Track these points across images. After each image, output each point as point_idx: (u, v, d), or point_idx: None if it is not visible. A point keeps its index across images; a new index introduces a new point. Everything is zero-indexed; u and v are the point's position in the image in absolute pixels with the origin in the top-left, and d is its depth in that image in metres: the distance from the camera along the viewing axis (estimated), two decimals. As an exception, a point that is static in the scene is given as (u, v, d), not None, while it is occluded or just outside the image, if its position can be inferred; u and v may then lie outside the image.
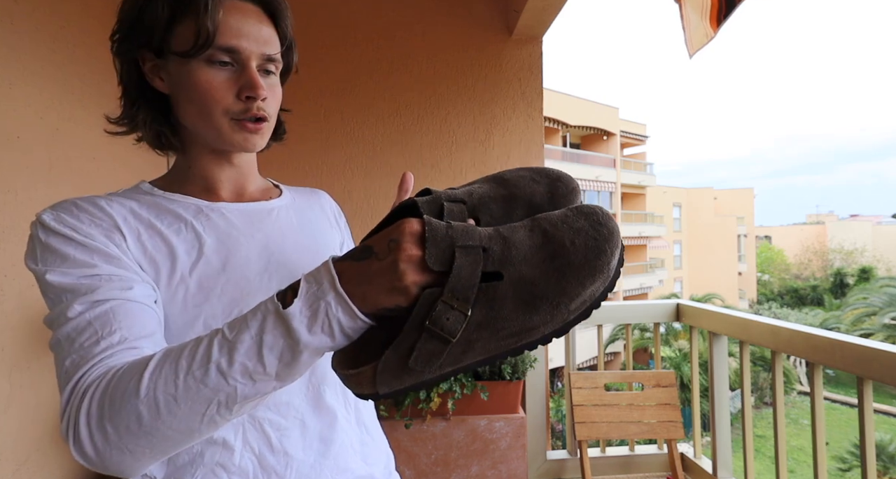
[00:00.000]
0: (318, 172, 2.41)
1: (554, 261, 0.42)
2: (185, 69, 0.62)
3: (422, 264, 0.42)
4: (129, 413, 0.45)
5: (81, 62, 1.49)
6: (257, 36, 0.64)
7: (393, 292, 0.43)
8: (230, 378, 0.45)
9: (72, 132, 1.44)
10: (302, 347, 0.44)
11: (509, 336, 0.43)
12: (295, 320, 0.44)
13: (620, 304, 2.58)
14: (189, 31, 0.60)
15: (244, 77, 0.63)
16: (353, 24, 2.43)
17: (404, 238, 0.43)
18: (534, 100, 2.53)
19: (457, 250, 0.42)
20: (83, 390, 0.48)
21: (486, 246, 0.42)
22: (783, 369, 2.72)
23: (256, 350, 0.44)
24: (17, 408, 1.23)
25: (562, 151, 19.38)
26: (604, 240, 0.43)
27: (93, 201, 0.62)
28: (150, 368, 0.46)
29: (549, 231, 0.43)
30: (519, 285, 0.42)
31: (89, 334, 0.51)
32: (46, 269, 0.55)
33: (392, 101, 2.46)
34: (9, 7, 1.21)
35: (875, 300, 18.25)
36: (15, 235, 1.19)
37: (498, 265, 0.42)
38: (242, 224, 0.68)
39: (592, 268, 0.42)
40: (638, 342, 15.07)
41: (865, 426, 1.46)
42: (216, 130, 0.65)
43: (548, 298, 0.42)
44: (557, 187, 0.55)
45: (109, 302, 0.53)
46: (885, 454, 11.67)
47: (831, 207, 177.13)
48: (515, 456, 2.10)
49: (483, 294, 0.42)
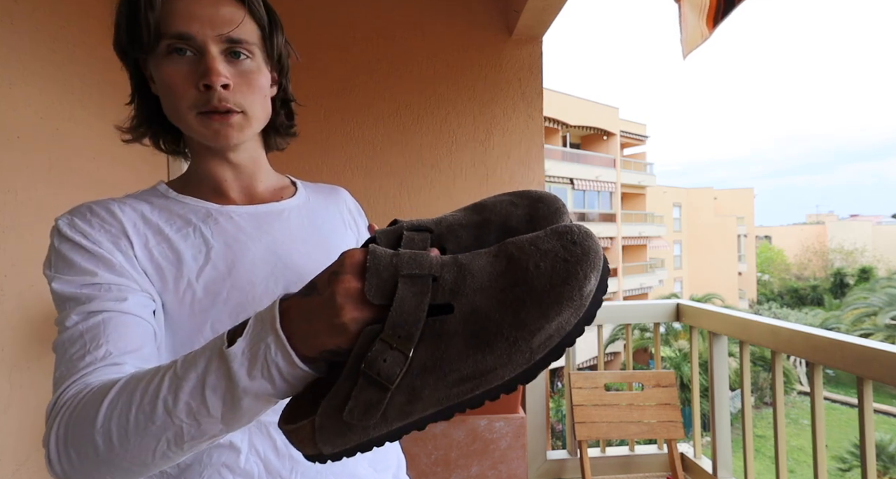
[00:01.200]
0: (318, 172, 2.41)
1: (514, 289, 0.36)
2: (156, 66, 0.61)
3: (361, 297, 0.37)
4: (87, 442, 0.45)
5: (81, 62, 1.49)
6: (213, 17, 0.59)
7: (332, 330, 0.38)
8: (175, 418, 0.43)
9: (72, 132, 1.44)
10: (241, 392, 0.41)
11: (461, 382, 0.36)
12: (235, 363, 0.41)
13: (620, 304, 2.58)
14: (144, 26, 0.58)
15: (201, 65, 0.59)
16: (353, 25, 2.43)
17: (344, 270, 0.39)
18: (534, 100, 2.53)
19: (400, 280, 0.36)
20: (59, 408, 0.48)
21: (436, 275, 0.36)
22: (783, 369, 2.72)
23: (200, 390, 0.42)
24: (17, 408, 1.23)
25: (562, 151, 19.38)
26: (575, 262, 0.36)
27: (106, 206, 0.62)
28: (109, 397, 0.45)
29: (514, 255, 0.37)
30: (471, 319, 0.36)
31: (78, 347, 0.52)
32: (55, 276, 0.57)
33: (392, 101, 2.46)
34: (9, 7, 1.21)
35: (875, 300, 18.24)
36: (15, 235, 1.20)
37: (449, 296, 0.36)
38: (250, 228, 0.67)
39: (558, 295, 0.35)
40: (638, 342, 15.07)
41: (865, 426, 1.46)
42: (187, 125, 0.62)
43: (502, 333, 0.35)
44: (538, 209, 0.48)
45: (102, 314, 0.54)
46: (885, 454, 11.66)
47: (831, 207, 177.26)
48: (515, 456, 2.10)
49: (429, 330, 0.36)
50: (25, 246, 1.23)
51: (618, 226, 20.91)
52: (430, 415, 0.39)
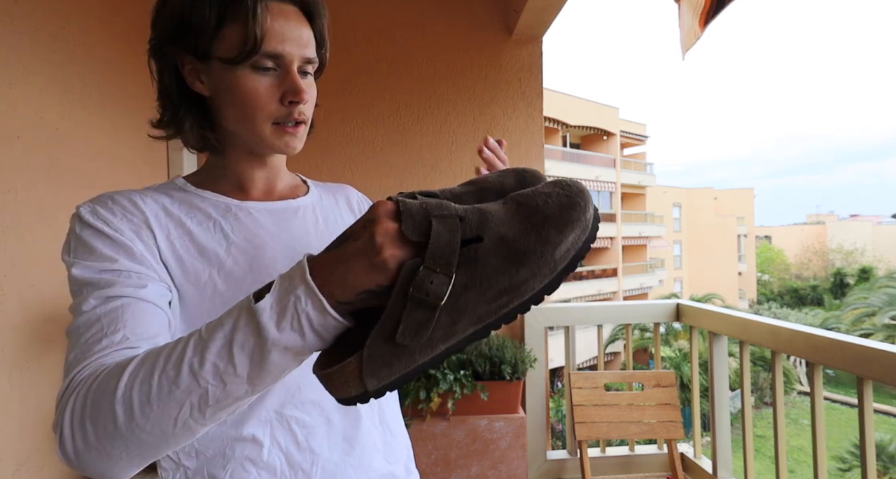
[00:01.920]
0: (319, 172, 2.41)
1: (531, 219, 0.42)
2: (229, 74, 0.63)
3: (399, 235, 0.40)
4: (106, 413, 0.44)
5: (81, 62, 1.49)
6: (298, 39, 0.64)
7: (372, 270, 0.41)
8: (201, 379, 0.43)
9: (72, 132, 1.44)
10: (270, 345, 0.42)
11: (499, 296, 0.42)
12: (264, 316, 0.42)
13: (620, 304, 2.58)
14: (236, 37, 0.60)
15: (287, 82, 0.63)
16: (353, 25, 2.43)
17: (379, 215, 0.42)
18: (534, 100, 2.53)
19: (433, 220, 0.40)
20: (74, 387, 0.47)
21: (462, 216, 0.42)
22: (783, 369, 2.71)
23: (227, 349, 0.42)
24: (17, 408, 1.23)
25: (562, 151, 19.38)
26: (575, 195, 0.43)
27: (128, 196, 0.64)
28: (131, 367, 0.45)
29: (521, 201, 0.43)
30: (500, 243, 0.41)
31: (95, 330, 0.52)
32: (74, 261, 0.58)
33: (392, 101, 2.46)
34: (9, 7, 1.21)
35: (875, 300, 18.24)
36: (15, 235, 1.19)
37: (476, 230, 0.41)
38: (270, 224, 0.70)
39: (568, 217, 0.42)
40: (638, 342, 15.07)
41: (865, 426, 1.46)
42: (258, 134, 0.66)
43: (531, 249, 0.41)
44: (525, 177, 0.55)
45: (121, 299, 0.55)
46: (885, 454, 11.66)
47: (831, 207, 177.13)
48: (515, 456, 2.10)
49: (465, 258, 0.40)
50: (25, 246, 1.23)
51: (618, 226, 20.90)
52: (470, 334, 0.42)
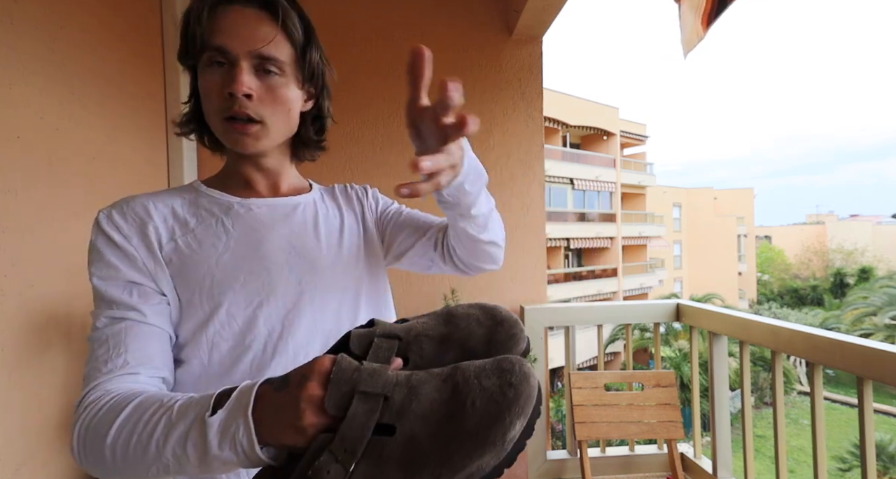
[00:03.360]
0: (318, 172, 2.41)
1: (449, 424, 0.40)
2: (199, 74, 0.68)
3: (322, 405, 0.42)
4: (99, 451, 0.54)
5: (81, 62, 1.49)
6: (250, 35, 0.65)
7: (294, 430, 0.44)
8: (163, 456, 0.50)
9: (72, 132, 1.44)
10: (211, 457, 0.48)
11: None
12: (210, 432, 0.47)
13: (620, 304, 2.58)
14: (192, 38, 0.66)
15: (229, 75, 0.66)
16: (352, 25, 2.43)
17: (312, 376, 0.44)
18: (534, 100, 2.53)
19: (356, 396, 0.41)
20: (82, 410, 0.58)
21: (388, 394, 0.41)
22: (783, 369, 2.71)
23: (182, 443, 0.49)
24: (17, 408, 1.23)
25: (562, 151, 19.37)
26: (506, 406, 0.40)
27: (143, 203, 0.71)
28: (119, 421, 0.54)
29: (459, 385, 0.42)
30: (408, 445, 0.40)
31: (104, 350, 0.62)
32: (92, 271, 0.66)
33: (391, 101, 2.46)
34: (9, 7, 1.21)
35: (875, 300, 18.24)
36: (15, 234, 1.19)
37: (394, 418, 0.41)
38: (268, 219, 0.74)
39: (483, 439, 0.39)
40: (638, 342, 15.07)
41: (865, 426, 1.46)
42: (215, 129, 0.70)
43: (429, 467, 0.40)
44: (497, 332, 0.54)
45: (125, 322, 0.64)
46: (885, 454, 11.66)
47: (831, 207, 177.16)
48: (515, 456, 2.10)
49: (371, 449, 0.40)
50: (25, 246, 1.23)
51: (618, 226, 20.89)
52: None
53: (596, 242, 20.08)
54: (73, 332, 1.43)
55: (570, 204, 19.67)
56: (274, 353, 0.68)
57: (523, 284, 2.49)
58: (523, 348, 0.54)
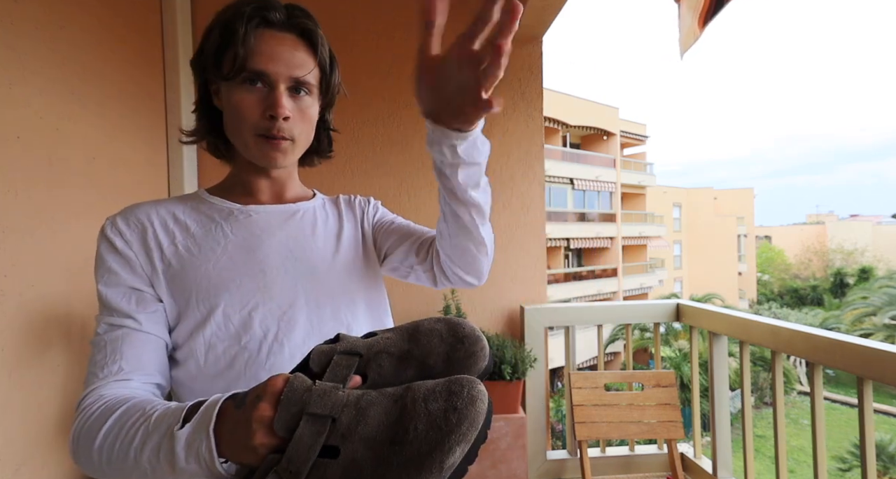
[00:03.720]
0: (318, 172, 2.39)
1: (391, 447, 0.41)
2: (228, 90, 0.71)
3: (271, 425, 0.44)
4: (89, 453, 0.58)
5: (81, 62, 1.49)
6: (289, 60, 0.70)
7: (246, 449, 0.45)
8: (140, 463, 0.54)
9: (72, 132, 1.44)
10: (179, 469, 0.50)
11: None
12: (178, 445, 0.50)
13: (620, 304, 2.58)
14: (230, 58, 0.69)
15: (270, 98, 0.69)
16: (352, 25, 2.43)
17: (265, 396, 0.45)
18: (534, 100, 2.52)
19: (304, 418, 0.42)
20: (80, 411, 0.62)
21: (335, 416, 0.42)
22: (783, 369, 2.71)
23: (156, 453, 0.52)
24: (17, 408, 1.23)
25: (562, 151, 19.37)
26: (448, 431, 0.40)
27: (145, 209, 0.74)
28: (107, 426, 0.57)
29: (406, 407, 0.42)
30: (349, 468, 0.41)
31: (102, 355, 0.66)
32: (97, 278, 0.70)
33: (391, 101, 2.46)
34: (9, 7, 1.21)
35: (875, 300, 18.23)
36: (15, 234, 1.19)
37: (339, 440, 0.41)
38: (267, 224, 0.76)
39: (420, 465, 0.39)
40: (638, 342, 15.07)
41: (865, 426, 1.46)
42: (244, 143, 0.72)
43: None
44: (457, 350, 0.54)
45: (122, 329, 0.67)
46: (885, 454, 11.66)
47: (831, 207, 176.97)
48: (515, 456, 2.10)
49: (315, 471, 0.41)
50: (25, 246, 1.23)
51: (618, 226, 20.89)
52: None
53: (596, 242, 20.08)
54: (72, 332, 1.43)
55: (570, 204, 19.67)
56: (269, 353, 0.69)
57: (523, 284, 2.49)
58: (483, 367, 0.55)
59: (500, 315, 2.47)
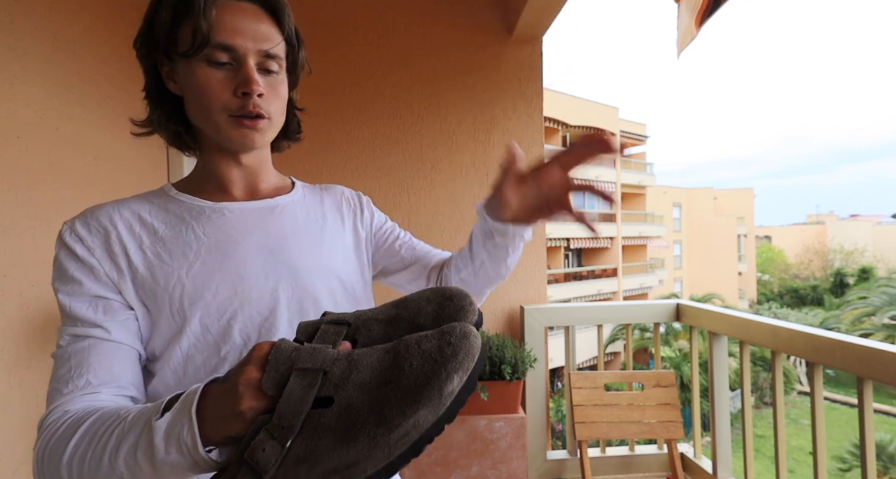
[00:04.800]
0: (318, 172, 2.41)
1: (386, 387, 0.40)
2: (189, 69, 0.65)
3: (259, 386, 0.42)
4: (56, 473, 0.53)
5: (82, 61, 1.49)
6: (254, 33, 0.64)
7: (233, 417, 0.43)
8: (116, 468, 0.49)
9: (72, 132, 1.44)
10: (159, 462, 0.47)
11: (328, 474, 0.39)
12: (157, 436, 0.47)
13: (620, 304, 2.58)
14: (188, 32, 0.63)
15: (240, 74, 0.64)
16: (353, 26, 2.43)
17: (251, 361, 0.44)
18: (534, 100, 2.53)
19: (293, 373, 0.40)
20: (42, 431, 0.56)
21: (326, 369, 0.41)
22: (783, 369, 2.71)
23: (133, 452, 0.48)
24: (17, 408, 1.23)
25: (562, 151, 19.34)
26: (443, 361, 0.39)
27: (108, 212, 0.68)
28: (74, 440, 0.53)
29: (400, 353, 0.41)
30: (345, 413, 0.39)
31: (66, 369, 0.60)
32: (56, 287, 0.64)
33: (392, 101, 2.46)
34: (9, 6, 1.21)
35: (874, 300, 18.23)
36: (15, 234, 1.19)
37: (332, 389, 0.40)
38: (242, 223, 0.70)
39: (418, 394, 0.39)
40: (638, 342, 15.07)
41: (865, 426, 1.46)
42: (216, 126, 0.67)
43: (366, 429, 0.39)
44: (446, 306, 0.53)
45: (88, 340, 0.62)
46: (885, 454, 11.66)
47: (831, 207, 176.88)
48: (515, 456, 2.10)
49: (310, 422, 0.40)
50: (25, 246, 1.22)
51: (618, 226, 20.89)
52: None
53: (596, 242, 20.08)
54: (73, 332, 1.42)
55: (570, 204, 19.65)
56: None
57: (523, 284, 2.49)
58: (473, 322, 0.53)
59: (500, 315, 2.47)
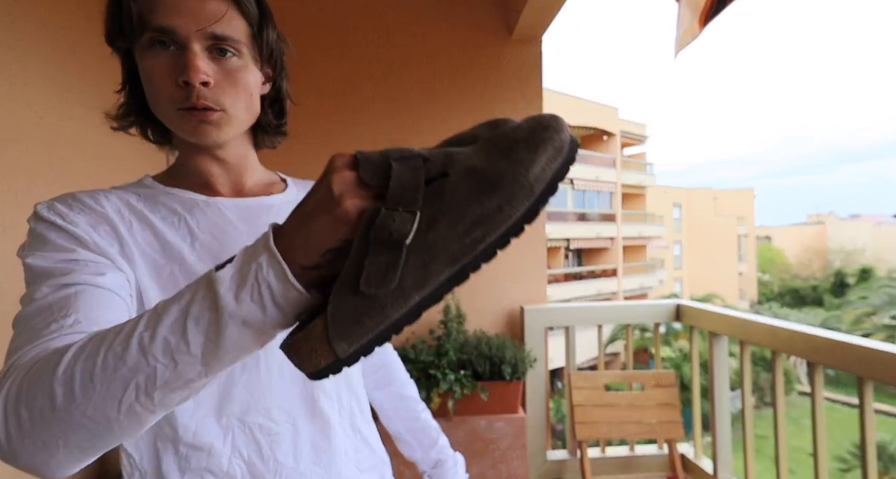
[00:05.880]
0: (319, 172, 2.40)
1: (499, 146, 0.38)
2: (139, 58, 0.59)
3: (358, 182, 0.37)
4: (44, 394, 0.39)
5: (82, 61, 1.49)
6: (197, 12, 0.57)
7: (333, 223, 0.37)
8: (150, 356, 0.38)
9: (72, 132, 1.44)
10: (227, 317, 0.37)
11: (472, 228, 0.37)
12: (223, 286, 0.38)
13: (620, 304, 2.58)
14: (126, 15, 0.57)
15: (181, 61, 0.57)
16: (353, 26, 2.43)
17: (336, 166, 0.38)
18: (534, 100, 2.53)
19: (393, 162, 0.37)
20: (11, 372, 0.42)
21: (426, 156, 0.38)
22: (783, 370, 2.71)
23: (181, 324, 0.38)
24: (16, 408, 1.23)
25: (562, 151, 19.33)
26: (546, 117, 0.39)
27: (91, 194, 0.61)
28: (77, 345, 0.41)
29: (489, 137, 0.39)
30: (468, 173, 0.37)
31: (44, 316, 0.48)
32: (28, 253, 0.55)
33: (392, 101, 2.46)
34: (9, 6, 1.21)
35: (875, 300, 18.24)
36: (15, 234, 1.19)
37: (441, 167, 0.37)
38: (238, 220, 0.66)
39: (539, 138, 0.37)
40: (638, 342, 15.07)
41: (865, 426, 1.46)
42: (167, 119, 0.61)
43: (502, 172, 0.37)
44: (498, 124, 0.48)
45: (76, 286, 0.51)
46: (886, 454, 11.66)
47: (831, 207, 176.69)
48: (515, 456, 2.10)
49: (430, 194, 0.37)
50: (25, 246, 1.22)
51: (618, 226, 20.90)
52: (445, 280, 0.38)
53: (596, 242, 20.08)
54: (73, 332, 1.42)
55: (570, 204, 19.67)
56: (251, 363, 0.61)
57: (523, 284, 2.49)
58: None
59: (500, 315, 2.47)
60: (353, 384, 0.70)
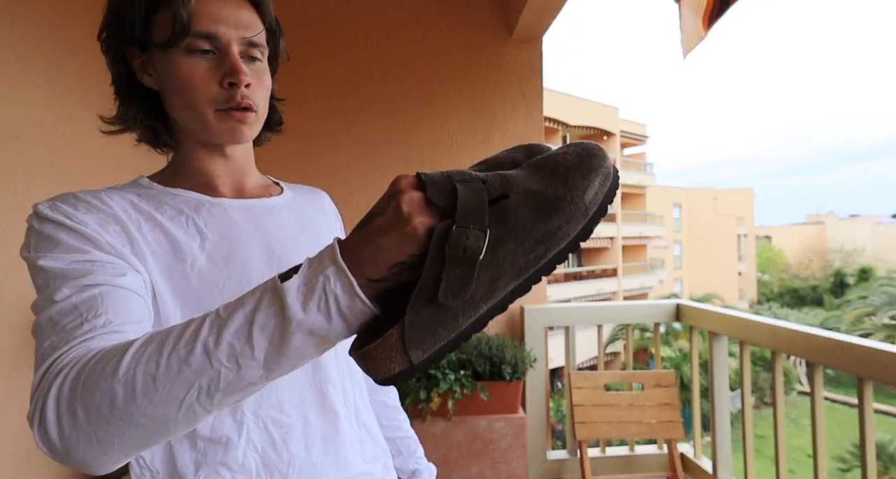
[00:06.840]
0: (319, 172, 2.41)
1: (554, 172, 0.42)
2: (168, 61, 0.62)
3: (425, 202, 0.40)
4: (103, 393, 0.41)
5: (82, 61, 1.49)
6: (236, 20, 0.62)
7: (402, 240, 0.39)
8: (214, 359, 0.40)
9: (72, 132, 1.44)
10: (294, 326, 0.39)
11: (536, 245, 0.41)
12: (290, 296, 0.39)
13: (620, 304, 2.59)
14: (166, 22, 0.59)
15: (226, 64, 0.61)
16: (353, 26, 2.43)
17: (402, 187, 0.41)
18: (534, 100, 2.53)
19: (457, 184, 0.40)
20: (57, 370, 0.44)
21: (484, 179, 0.41)
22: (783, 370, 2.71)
23: (247, 329, 0.40)
24: (16, 408, 1.23)
25: (562, 151, 19.33)
26: (592, 146, 0.44)
27: (93, 194, 0.61)
28: (135, 346, 0.42)
29: (538, 163, 0.44)
30: (528, 196, 0.41)
31: (73, 317, 0.49)
32: (39, 255, 0.54)
33: (392, 101, 2.46)
34: (9, 6, 1.21)
35: (874, 300, 18.24)
36: (15, 234, 1.19)
37: (501, 190, 0.41)
38: (244, 220, 0.67)
39: (591, 166, 0.42)
40: (638, 342, 15.07)
41: (865, 426, 1.46)
42: (203, 121, 0.63)
43: (561, 196, 0.41)
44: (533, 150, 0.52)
45: (99, 287, 0.51)
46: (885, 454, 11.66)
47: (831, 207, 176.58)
48: (515, 456, 2.10)
49: (495, 214, 0.40)
50: (25, 246, 1.23)
51: (618, 226, 20.90)
52: (510, 292, 0.42)
53: (596, 242, 20.09)
54: (73, 332, 1.43)
55: (570, 204, 19.65)
56: None
57: (523, 284, 2.49)
58: None
59: (499, 315, 2.47)
60: (357, 377, 0.73)
